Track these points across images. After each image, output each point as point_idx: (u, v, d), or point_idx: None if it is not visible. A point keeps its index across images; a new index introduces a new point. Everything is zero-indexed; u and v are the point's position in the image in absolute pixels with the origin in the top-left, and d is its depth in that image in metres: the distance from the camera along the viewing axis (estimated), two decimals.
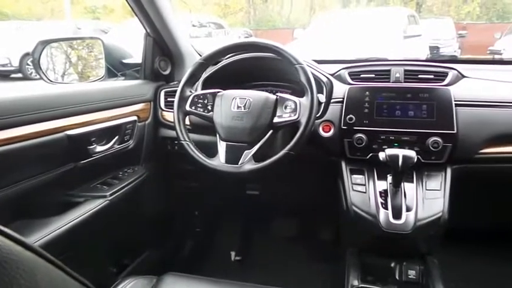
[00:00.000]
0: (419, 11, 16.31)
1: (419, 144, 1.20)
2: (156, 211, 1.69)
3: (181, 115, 1.23)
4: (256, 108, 1.15)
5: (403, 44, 5.77)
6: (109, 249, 1.43)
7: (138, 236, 1.60)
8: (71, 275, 0.50)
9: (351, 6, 18.58)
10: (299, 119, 1.11)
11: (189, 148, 1.19)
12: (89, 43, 1.83)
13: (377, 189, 1.20)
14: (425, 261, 1.21)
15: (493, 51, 7.52)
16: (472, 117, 1.20)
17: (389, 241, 1.16)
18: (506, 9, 17.35)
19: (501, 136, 1.20)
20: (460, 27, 11.78)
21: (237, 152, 1.15)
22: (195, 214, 1.95)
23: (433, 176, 1.21)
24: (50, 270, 0.45)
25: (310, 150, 1.21)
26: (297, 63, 1.14)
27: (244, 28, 14.45)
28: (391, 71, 1.33)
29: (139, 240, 1.62)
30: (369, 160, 1.24)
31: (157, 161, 1.59)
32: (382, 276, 1.19)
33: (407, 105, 1.24)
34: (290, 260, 1.83)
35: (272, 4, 20.76)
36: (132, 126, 1.41)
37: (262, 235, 2.03)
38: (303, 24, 12.43)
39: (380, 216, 1.14)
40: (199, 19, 8.98)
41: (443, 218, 1.13)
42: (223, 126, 1.17)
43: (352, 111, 1.26)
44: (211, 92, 1.23)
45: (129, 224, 1.49)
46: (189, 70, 1.25)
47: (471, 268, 1.59)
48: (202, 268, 1.87)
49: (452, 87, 1.25)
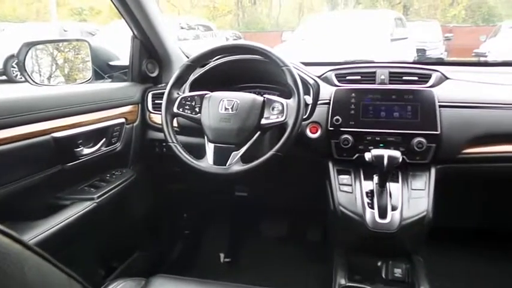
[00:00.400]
0: (406, 14, 16.54)
1: (404, 145, 1.22)
2: (145, 213, 1.68)
3: (169, 117, 1.23)
4: (243, 110, 1.16)
5: (390, 47, 5.84)
6: (97, 251, 1.43)
7: (127, 238, 1.60)
8: (58, 266, 0.50)
9: (338, 8, 18.77)
10: (286, 120, 1.12)
11: (176, 150, 1.19)
12: (76, 45, 1.82)
13: (363, 189, 1.22)
14: (411, 260, 1.23)
15: (478, 54, 7.66)
16: (455, 118, 1.23)
17: (376, 240, 1.18)
18: (491, 12, 17.68)
19: (483, 137, 1.22)
20: (446, 30, 11.97)
21: (225, 153, 1.15)
22: (184, 216, 1.95)
23: (417, 176, 1.23)
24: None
25: (297, 151, 1.23)
26: (283, 65, 1.16)
27: (233, 30, 14.47)
28: (377, 73, 1.35)
29: (128, 242, 1.62)
30: (356, 161, 1.26)
31: (145, 163, 1.59)
32: (369, 275, 1.21)
33: (392, 106, 1.26)
34: (279, 260, 1.84)
35: (261, 7, 20.85)
36: (119, 128, 1.40)
37: (251, 236, 2.04)
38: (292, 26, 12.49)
39: (366, 215, 1.16)
40: (188, 21, 8.96)
41: (428, 217, 1.15)
42: (211, 128, 1.18)
43: (339, 112, 1.28)
44: (199, 94, 1.23)
45: (117, 227, 1.49)
46: (177, 72, 1.26)
47: (456, 266, 1.62)
48: (192, 270, 1.87)
49: (435, 89, 1.27)
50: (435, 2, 18.52)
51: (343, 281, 1.18)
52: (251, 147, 1.15)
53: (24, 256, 0.44)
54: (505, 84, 1.32)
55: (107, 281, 0.94)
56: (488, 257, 1.67)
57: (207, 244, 2.02)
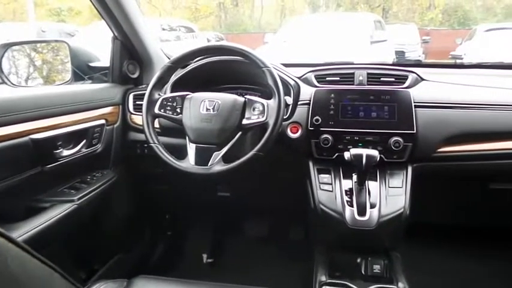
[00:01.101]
0: (385, 17, 16.84)
1: (382, 144, 1.25)
2: (126, 215, 1.67)
3: (150, 118, 1.23)
4: (224, 110, 1.17)
5: (370, 49, 5.94)
6: (77, 254, 1.41)
7: (108, 240, 1.58)
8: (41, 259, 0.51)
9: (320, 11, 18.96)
10: (267, 120, 1.14)
11: (158, 150, 1.19)
12: (55, 46, 1.80)
13: (343, 188, 1.25)
14: (389, 256, 1.26)
15: (455, 56, 7.86)
16: (430, 117, 1.27)
17: (355, 237, 1.21)
18: (466, 16, 18.16)
19: (457, 136, 1.27)
20: (424, 33, 12.24)
21: (206, 153, 1.16)
22: (166, 217, 1.94)
23: (395, 174, 1.26)
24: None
25: (278, 151, 1.24)
26: (264, 66, 1.18)
27: (215, 32, 14.44)
28: (355, 74, 1.39)
29: (110, 244, 1.61)
30: (335, 160, 1.29)
31: (126, 165, 1.58)
32: (349, 272, 1.23)
33: (370, 106, 1.30)
34: (262, 260, 1.85)
35: (243, 8, 20.87)
36: (100, 129, 1.40)
37: (234, 236, 2.04)
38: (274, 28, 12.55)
39: (346, 213, 1.19)
40: (170, 23, 8.90)
41: (405, 213, 1.19)
42: (193, 129, 1.18)
43: (319, 112, 1.31)
44: (180, 95, 1.24)
45: (99, 229, 1.48)
46: (158, 73, 1.26)
47: (432, 262, 1.67)
48: (174, 271, 1.86)
49: (411, 90, 1.31)
50: (413, 5, 18.92)
51: (324, 277, 1.20)
52: (232, 147, 1.17)
53: (7, 248, 0.45)
54: (478, 86, 1.37)
55: (88, 284, 0.93)
56: (464, 252, 1.72)
57: (189, 245, 2.02)
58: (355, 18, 7.31)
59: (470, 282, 1.63)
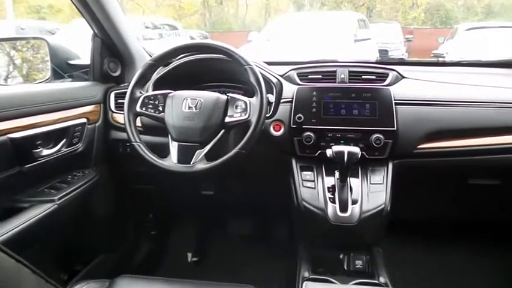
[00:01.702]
0: (369, 15, 17.00)
1: (363, 141, 1.27)
2: (109, 214, 1.65)
3: (131, 116, 1.22)
4: (207, 108, 1.18)
5: (354, 47, 5.99)
6: (58, 255, 1.39)
7: (90, 240, 1.57)
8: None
9: (304, 9, 19.03)
10: (249, 118, 1.15)
11: (140, 149, 1.19)
12: (34, 44, 1.77)
13: (325, 185, 1.26)
14: (371, 252, 1.28)
15: (437, 55, 7.96)
16: (410, 115, 1.29)
17: (338, 233, 1.22)
18: (448, 15, 18.47)
19: (436, 132, 1.29)
20: (407, 31, 12.39)
21: (189, 152, 1.16)
22: (150, 216, 1.93)
23: (376, 171, 1.28)
24: None
25: (262, 149, 1.25)
26: (246, 64, 1.18)
27: (199, 30, 14.36)
28: (337, 72, 1.40)
29: (92, 244, 1.59)
30: (318, 157, 1.30)
31: (108, 164, 1.56)
32: (331, 267, 1.24)
33: (352, 104, 1.31)
34: (246, 258, 1.86)
35: (227, 7, 20.80)
36: (81, 128, 1.38)
37: (219, 235, 2.04)
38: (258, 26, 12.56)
39: (328, 210, 1.20)
40: (153, 21, 8.81)
41: (386, 209, 1.20)
42: (175, 127, 1.18)
43: (301, 110, 1.31)
44: (162, 93, 1.23)
45: (80, 229, 1.46)
46: (139, 71, 1.25)
47: (413, 256, 1.70)
48: (159, 271, 1.85)
49: (392, 87, 1.33)
50: (396, 4, 19.14)
51: (307, 273, 1.21)
52: (215, 145, 1.17)
53: None
54: (457, 83, 1.40)
55: (69, 284, 0.92)
56: (444, 247, 1.76)
57: (174, 244, 2.01)
58: (339, 17, 7.36)
59: (450, 275, 1.67)
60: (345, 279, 1.17)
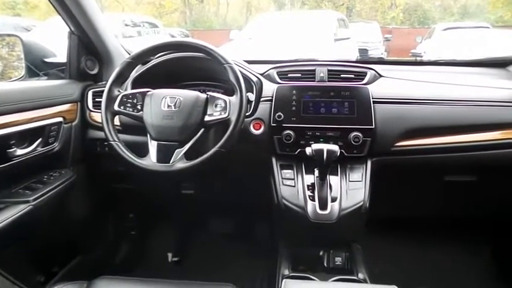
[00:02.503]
0: (349, 15, 17.19)
1: (342, 139, 1.28)
2: (87, 215, 1.63)
3: (109, 115, 1.21)
4: (186, 107, 1.17)
5: (334, 46, 6.04)
6: (35, 257, 1.36)
7: (68, 241, 1.54)
8: None
9: (285, 8, 19.10)
10: (229, 117, 1.15)
11: (118, 148, 1.17)
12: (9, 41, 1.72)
13: (305, 183, 1.27)
14: (350, 248, 1.29)
15: (415, 54, 8.11)
16: (387, 113, 1.31)
17: (317, 230, 1.23)
18: (426, 15, 18.87)
19: (413, 130, 1.32)
20: (386, 31, 12.60)
21: (168, 151, 1.16)
22: (130, 216, 1.90)
23: (355, 169, 1.30)
24: None
25: (242, 148, 1.25)
26: (225, 62, 1.18)
27: (180, 28, 14.23)
28: (316, 70, 1.41)
29: (70, 245, 1.56)
30: (298, 155, 1.31)
31: (86, 163, 1.54)
32: (311, 265, 1.25)
33: (331, 102, 1.32)
34: (227, 257, 1.86)
35: (208, 5, 20.69)
36: (57, 127, 1.35)
37: (200, 234, 2.03)
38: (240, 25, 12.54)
39: (308, 207, 1.21)
40: (133, 18, 8.68)
41: (364, 206, 1.22)
42: (154, 126, 1.17)
43: (281, 109, 1.32)
44: (141, 92, 1.22)
45: (57, 230, 1.43)
46: (117, 69, 1.24)
47: (392, 252, 1.73)
48: (139, 271, 1.83)
49: (370, 86, 1.35)
50: (375, 4, 19.42)
51: (287, 271, 1.22)
52: (195, 144, 1.17)
53: None
54: (433, 82, 1.43)
55: (45, 287, 0.90)
56: (422, 242, 1.80)
57: (154, 244, 1.99)
58: (320, 16, 7.41)
59: (428, 270, 1.71)
60: (325, 276, 1.18)
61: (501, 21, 16.17)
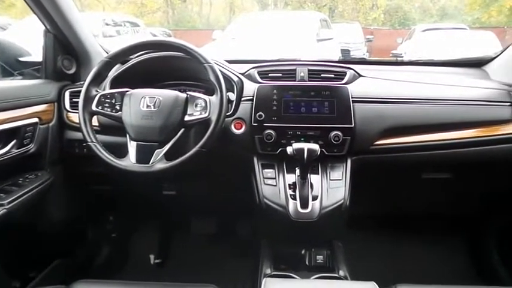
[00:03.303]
0: (331, 16, 17.37)
1: (322, 138, 1.29)
2: (66, 217, 1.59)
3: (87, 115, 1.19)
4: (166, 106, 1.16)
5: (317, 47, 6.08)
6: (10, 261, 1.32)
7: (46, 245, 1.50)
8: None
9: (268, 9, 19.16)
10: (209, 116, 1.14)
11: (96, 149, 1.16)
12: None
13: (286, 182, 1.27)
14: (332, 246, 1.30)
15: (395, 55, 8.24)
16: (367, 112, 1.32)
17: (299, 229, 1.24)
18: (406, 16, 19.22)
19: (392, 129, 1.33)
20: (368, 32, 12.78)
21: (148, 151, 1.15)
22: (110, 218, 1.87)
23: (335, 167, 1.31)
24: None
25: (223, 148, 1.25)
26: (205, 62, 1.18)
27: (162, 28, 14.11)
28: (297, 70, 1.41)
29: (47, 249, 1.52)
30: (279, 155, 1.31)
31: (64, 165, 1.51)
32: (293, 263, 1.26)
33: (311, 102, 1.33)
34: (210, 257, 1.85)
35: (191, 5, 20.60)
36: (32, 128, 1.32)
37: (182, 235, 2.02)
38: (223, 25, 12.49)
39: (289, 206, 1.21)
40: (114, 18, 8.54)
41: (345, 204, 1.23)
42: (133, 126, 1.16)
43: (262, 108, 1.32)
44: (119, 91, 1.21)
45: (34, 233, 1.40)
46: (94, 69, 1.22)
47: (372, 249, 1.75)
48: (120, 274, 1.81)
49: (349, 86, 1.36)
50: (357, 5, 19.67)
51: (269, 270, 1.22)
52: (175, 144, 1.16)
53: None
54: (411, 82, 1.45)
55: None
56: (402, 239, 1.82)
57: (135, 246, 1.97)
58: (303, 17, 7.44)
59: (408, 266, 1.73)
60: (306, 274, 1.19)
61: (478, 22, 16.63)
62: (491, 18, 16.58)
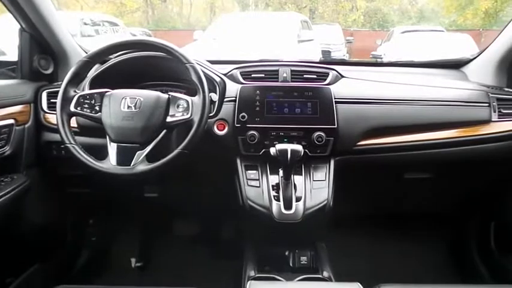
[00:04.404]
0: (312, 17, 17.51)
1: (305, 139, 1.29)
2: (44, 221, 1.55)
3: (65, 117, 1.16)
4: (147, 107, 1.14)
5: (298, 48, 6.12)
6: None
7: (23, 249, 1.46)
8: None
9: (249, 9, 19.17)
10: (192, 117, 1.13)
11: (75, 151, 1.13)
12: None
13: (270, 183, 1.27)
14: (316, 247, 1.31)
15: (375, 56, 8.36)
16: (349, 113, 1.33)
17: (283, 230, 1.23)
18: (385, 18, 19.57)
19: (374, 129, 1.35)
20: (347, 33, 12.95)
21: (128, 153, 1.12)
22: (90, 222, 1.83)
23: (319, 168, 1.31)
24: None
25: (206, 149, 1.23)
26: (187, 62, 1.16)
27: (142, 28, 13.94)
28: (279, 71, 1.41)
29: (24, 254, 1.48)
30: (262, 156, 1.30)
31: (42, 168, 1.46)
32: (277, 265, 1.25)
33: (294, 103, 1.33)
34: (193, 260, 1.83)
35: (171, 5, 20.43)
36: (7, 130, 1.27)
37: (165, 238, 1.99)
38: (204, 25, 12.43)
39: (273, 208, 1.21)
40: (92, 17, 8.37)
41: (328, 205, 1.24)
42: (113, 127, 1.14)
43: (245, 109, 1.31)
44: (99, 92, 1.18)
45: (9, 238, 1.35)
46: (72, 69, 1.19)
47: (356, 249, 1.76)
48: (101, 279, 1.76)
49: (332, 86, 1.37)
50: (337, 7, 19.89)
51: (253, 272, 1.21)
52: (157, 145, 1.14)
53: None
54: (392, 83, 1.47)
55: None
56: (385, 238, 1.84)
57: (116, 250, 1.93)
58: (283, 18, 7.48)
59: (392, 265, 1.75)
60: (290, 276, 1.18)
61: (454, 25, 17.06)
62: (467, 21, 17.04)
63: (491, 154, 1.40)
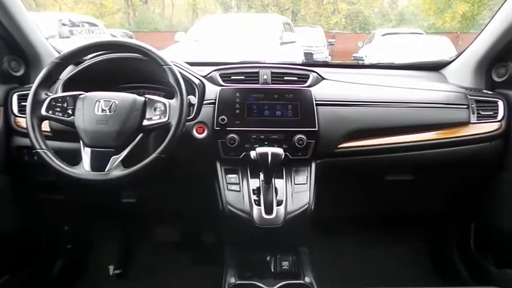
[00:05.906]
0: (294, 19, 17.61)
1: (286, 142, 1.27)
2: (15, 229, 1.49)
3: (35, 120, 1.11)
4: (122, 110, 1.11)
5: (280, 50, 6.12)
6: None
7: None
8: None
9: (231, 11, 19.15)
10: (169, 121, 1.10)
11: (46, 156, 1.08)
12: None
13: (250, 187, 1.24)
14: (297, 252, 1.29)
15: (356, 58, 8.47)
16: (330, 115, 1.32)
17: (264, 235, 1.21)
18: (366, 21, 19.86)
19: (355, 132, 1.34)
20: (329, 36, 13.05)
21: (103, 158, 1.09)
22: (65, 229, 1.77)
23: (300, 171, 1.29)
24: None
25: (185, 153, 1.20)
26: (164, 64, 1.13)
27: (123, 30, 13.74)
28: (260, 73, 1.39)
29: None
30: (242, 159, 1.28)
31: (12, 174, 1.41)
32: (258, 271, 1.23)
33: (275, 105, 1.31)
34: (173, 266, 1.79)
35: (153, 6, 20.25)
36: None
37: (143, 244, 1.94)
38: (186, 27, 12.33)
39: (253, 212, 1.18)
40: (71, 18, 8.19)
41: (310, 208, 1.22)
42: (87, 131, 1.10)
43: (224, 112, 1.29)
44: (72, 95, 1.14)
45: None
46: (44, 70, 1.15)
47: (338, 253, 1.75)
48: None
49: (313, 88, 1.36)
50: (319, 9, 20.07)
51: (233, 279, 1.18)
52: (133, 150, 1.11)
53: None
54: (373, 85, 1.47)
55: None
56: (367, 241, 1.84)
57: (93, 257, 1.87)
58: (266, 20, 7.49)
59: (374, 268, 1.75)
60: (272, 282, 1.16)
61: (433, 28, 17.41)
62: (446, 24, 17.41)
63: (470, 155, 1.40)
